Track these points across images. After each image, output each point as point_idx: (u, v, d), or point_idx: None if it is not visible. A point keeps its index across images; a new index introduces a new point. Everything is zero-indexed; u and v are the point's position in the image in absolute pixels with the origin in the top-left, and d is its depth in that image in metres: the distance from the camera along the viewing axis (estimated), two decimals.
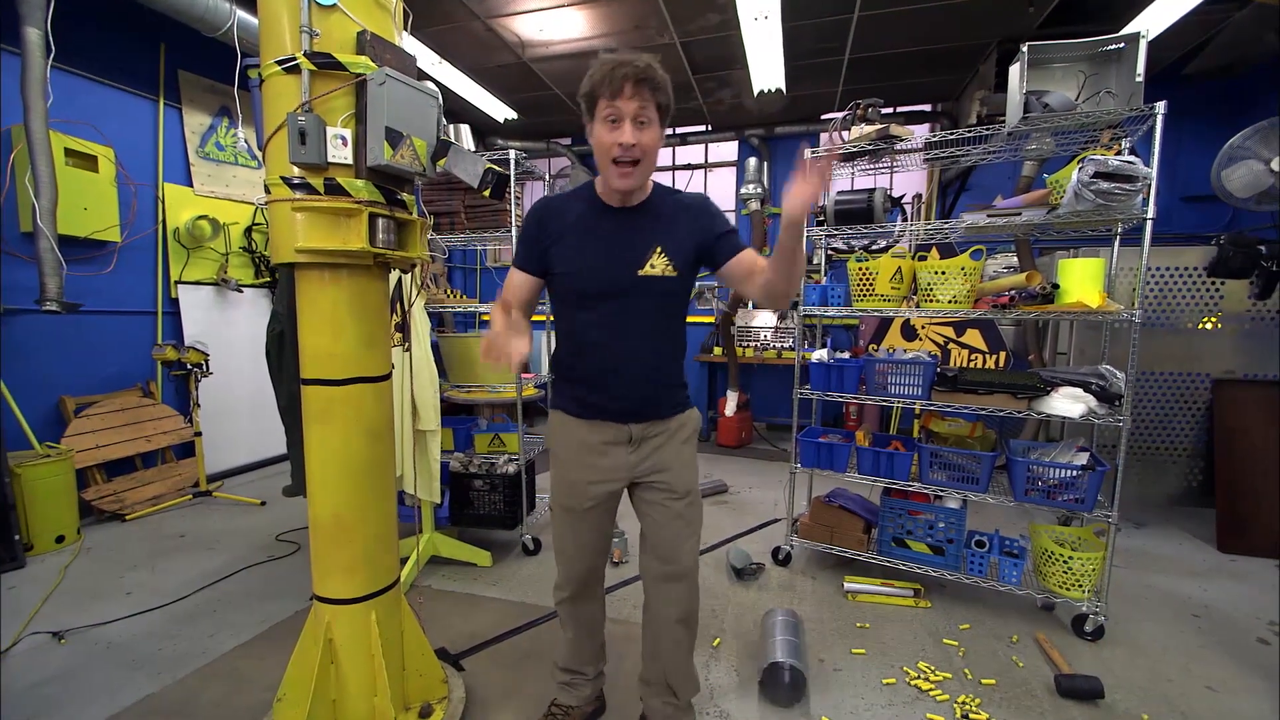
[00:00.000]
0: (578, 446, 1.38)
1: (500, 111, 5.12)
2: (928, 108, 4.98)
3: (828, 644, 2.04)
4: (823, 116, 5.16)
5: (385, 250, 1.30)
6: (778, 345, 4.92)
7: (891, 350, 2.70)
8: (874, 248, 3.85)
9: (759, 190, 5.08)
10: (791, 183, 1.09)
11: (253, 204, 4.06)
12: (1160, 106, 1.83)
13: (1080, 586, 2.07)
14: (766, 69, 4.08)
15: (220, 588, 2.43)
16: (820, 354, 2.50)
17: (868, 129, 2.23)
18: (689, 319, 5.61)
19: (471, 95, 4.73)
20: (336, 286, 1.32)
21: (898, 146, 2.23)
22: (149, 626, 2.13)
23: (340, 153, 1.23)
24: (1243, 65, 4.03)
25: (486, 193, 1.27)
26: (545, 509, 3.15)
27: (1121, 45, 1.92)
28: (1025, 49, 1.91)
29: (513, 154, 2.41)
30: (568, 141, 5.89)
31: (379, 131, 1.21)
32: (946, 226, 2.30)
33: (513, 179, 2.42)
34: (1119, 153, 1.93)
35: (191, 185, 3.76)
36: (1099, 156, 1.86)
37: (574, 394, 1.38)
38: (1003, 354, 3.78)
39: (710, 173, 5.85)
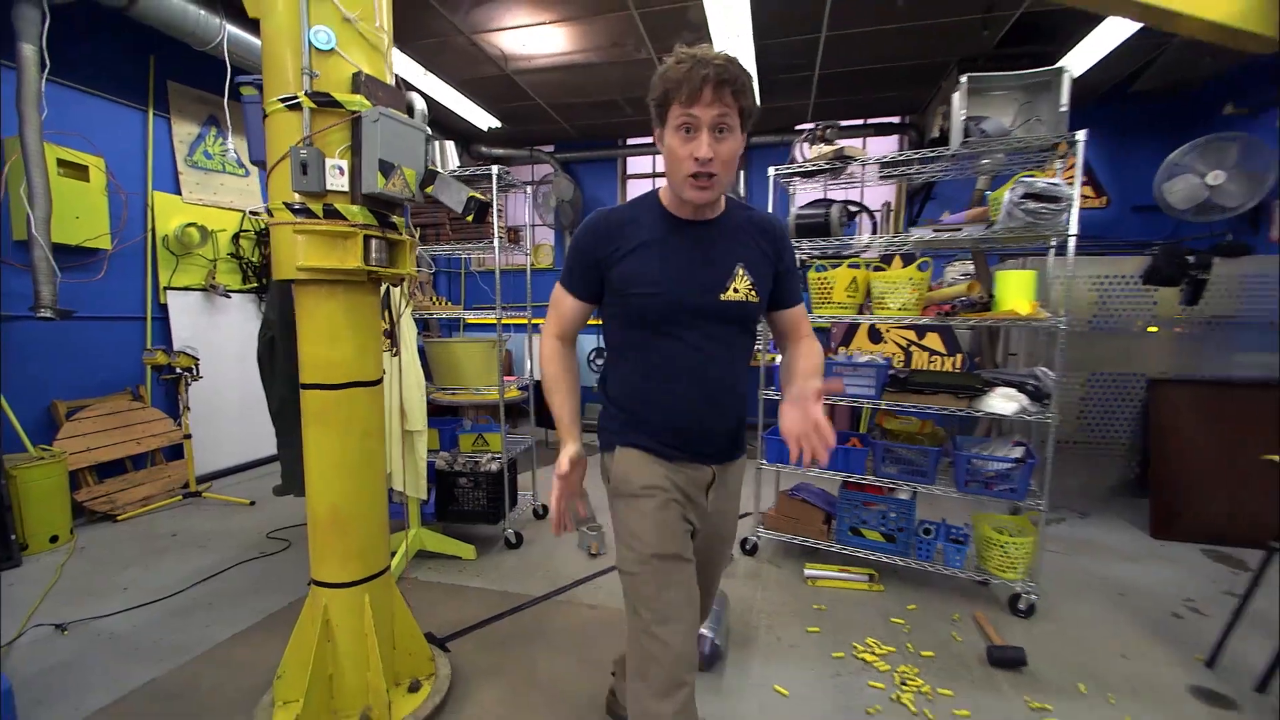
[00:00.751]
0: (670, 484, 1.18)
1: (484, 120, 5.26)
2: (897, 119, 5.21)
3: (786, 624, 2.22)
4: (796, 127, 5.37)
5: (378, 268, 1.45)
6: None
7: (850, 354, 2.90)
8: (845, 254, 4.06)
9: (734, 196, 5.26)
10: (796, 422, 1.02)
11: (240, 211, 4.16)
12: (1081, 134, 2.03)
13: (1015, 569, 2.27)
14: None
15: (214, 583, 2.54)
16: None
17: (826, 149, 2.41)
18: None
19: (457, 106, 4.87)
20: (333, 301, 1.47)
21: (851, 165, 2.41)
22: (147, 619, 2.25)
23: (337, 181, 1.38)
24: (1184, 85, 4.31)
25: (470, 218, 1.42)
26: (526, 504, 3.30)
27: (1048, 78, 2.13)
28: (964, 80, 2.11)
29: (495, 170, 2.56)
30: (550, 148, 6.04)
31: (373, 163, 1.36)
32: (898, 240, 2.50)
33: (495, 194, 2.57)
34: (1072, 167, 2.14)
35: (180, 193, 3.85)
36: (1029, 178, 2.06)
37: (652, 433, 1.19)
38: (959, 356, 4.01)
39: None
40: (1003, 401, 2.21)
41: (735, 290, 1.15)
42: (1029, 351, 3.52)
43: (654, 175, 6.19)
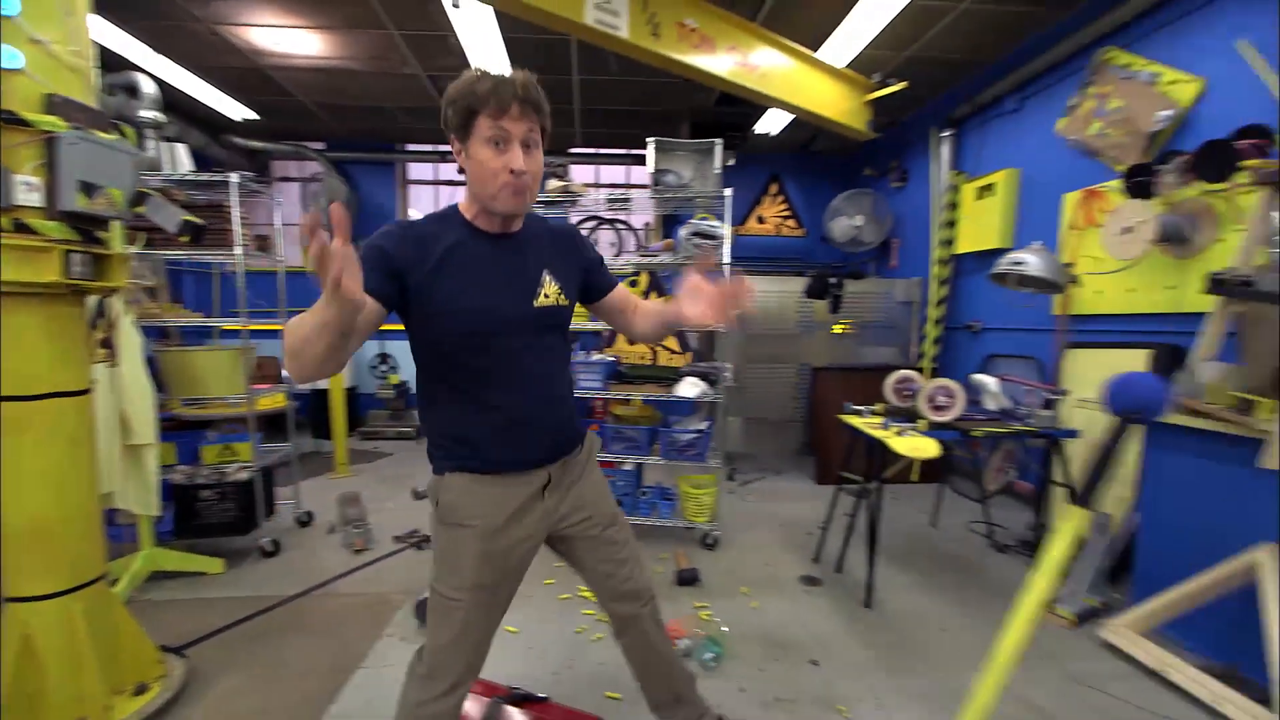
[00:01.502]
0: (497, 509, 1.18)
1: (237, 111, 4.87)
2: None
3: (529, 580, 2.63)
4: (569, 150, 5.93)
5: (81, 281, 1.51)
6: None
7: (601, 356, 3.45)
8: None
9: None
10: (704, 297, 1.11)
11: None
12: (729, 191, 2.80)
13: (704, 514, 3.00)
14: None
15: None
16: None
17: (557, 184, 2.90)
18: None
19: (197, 92, 4.45)
20: (29, 312, 1.49)
21: (579, 198, 2.94)
22: None
23: (29, 197, 1.42)
24: (843, 150, 5.78)
25: (185, 239, 1.56)
26: (289, 513, 3.27)
27: (709, 147, 2.88)
28: (652, 142, 2.75)
29: (234, 179, 2.55)
30: (321, 146, 5.77)
31: (71, 182, 1.43)
32: (619, 261, 3.10)
33: (235, 201, 2.56)
34: (774, 206, 2.88)
35: None
36: (697, 220, 2.77)
37: (476, 450, 1.17)
38: (689, 354, 4.90)
39: None
40: (689, 387, 2.92)
41: (546, 295, 1.19)
42: (732, 349, 4.50)
43: (436, 183, 6.28)
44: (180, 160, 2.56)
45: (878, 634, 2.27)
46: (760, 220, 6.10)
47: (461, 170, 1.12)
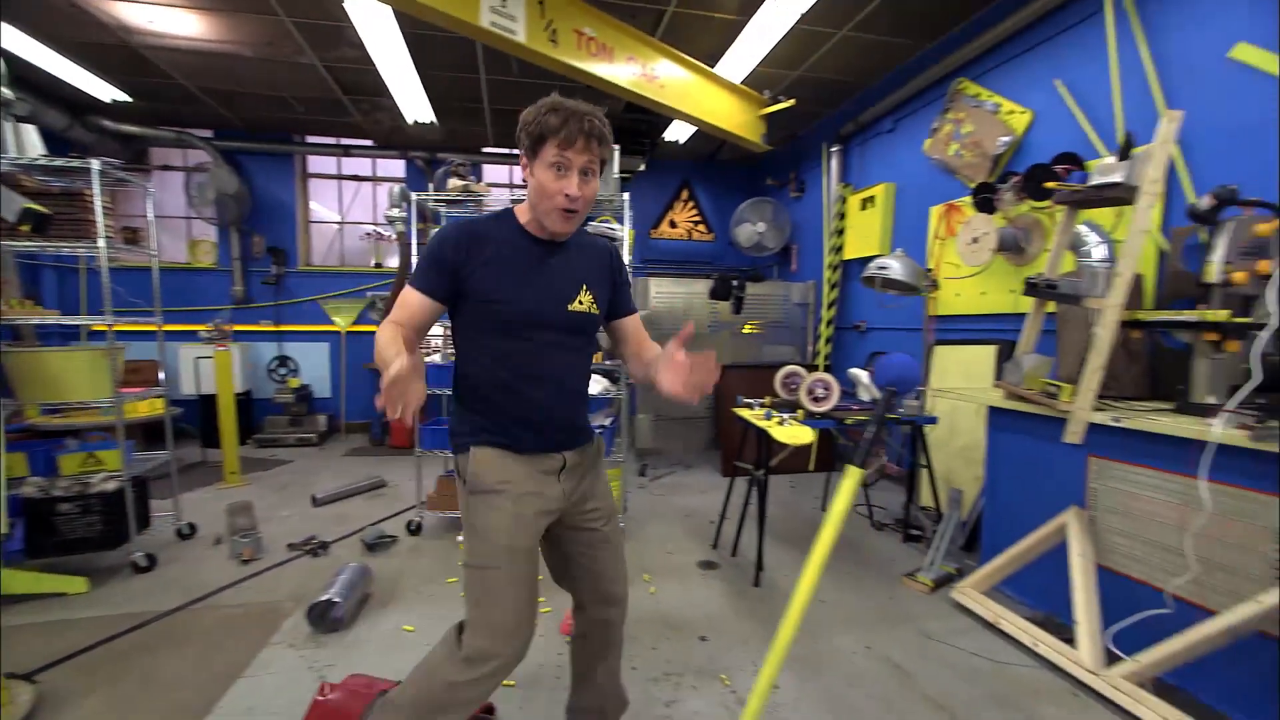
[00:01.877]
0: (524, 477, 1.28)
1: (105, 91, 4.46)
2: None
3: (431, 581, 2.64)
4: (482, 149, 5.87)
5: None
6: (445, 351, 5.43)
7: None
8: None
9: (403, 213, 5.45)
10: (678, 370, 1.16)
11: None
12: (626, 197, 2.92)
13: None
14: (414, 104, 4.55)
15: None
16: (436, 359, 3.10)
17: (459, 183, 2.90)
18: (361, 328, 5.69)
19: (57, 69, 4.04)
20: None
21: (480, 199, 2.96)
22: None
23: None
24: (748, 160, 6.09)
25: (26, 228, 1.46)
26: (167, 526, 3.05)
27: (607, 156, 2.98)
28: None
29: (95, 165, 2.36)
30: (208, 134, 5.39)
31: None
32: None
33: (98, 190, 2.37)
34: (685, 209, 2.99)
35: None
36: (598, 223, 2.86)
37: (504, 428, 1.29)
38: (599, 353, 5.02)
39: (378, 186, 6.03)
40: (594, 385, 3.01)
41: (581, 303, 1.31)
42: None
43: (339, 177, 6.02)
44: (30, 143, 2.33)
45: (762, 609, 2.45)
46: (672, 225, 6.31)
47: (525, 181, 1.26)
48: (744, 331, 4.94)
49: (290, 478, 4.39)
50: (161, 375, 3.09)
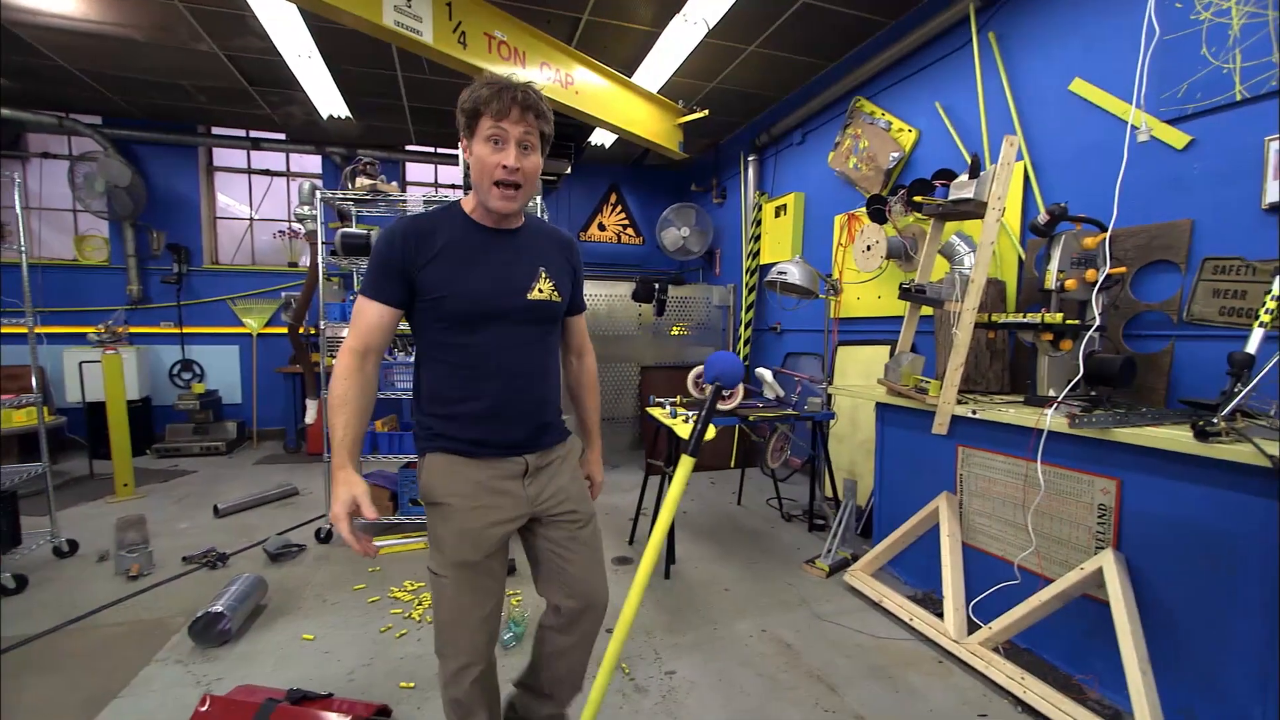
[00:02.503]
0: (474, 489, 1.23)
1: None
2: None
3: (336, 589, 2.58)
4: (404, 147, 5.73)
5: None
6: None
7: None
8: None
9: (313, 211, 5.28)
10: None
11: None
12: (539, 200, 2.96)
13: None
14: (328, 99, 4.40)
15: None
16: None
17: (366, 182, 2.85)
18: (274, 330, 5.43)
19: None
20: None
21: (389, 197, 2.91)
22: None
23: None
24: (672, 166, 6.25)
25: None
26: (34, 544, 2.83)
27: None
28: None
29: None
30: (96, 120, 5.01)
31: None
32: None
33: None
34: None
35: None
36: None
37: (459, 431, 1.23)
38: None
39: (292, 181, 5.78)
40: None
41: (540, 290, 1.25)
42: None
43: (249, 171, 5.73)
44: None
45: (669, 599, 2.55)
46: (601, 228, 6.38)
47: (468, 167, 1.21)
48: (673, 333, 5.07)
49: (192, 489, 4.15)
50: (67, 384, 2.86)
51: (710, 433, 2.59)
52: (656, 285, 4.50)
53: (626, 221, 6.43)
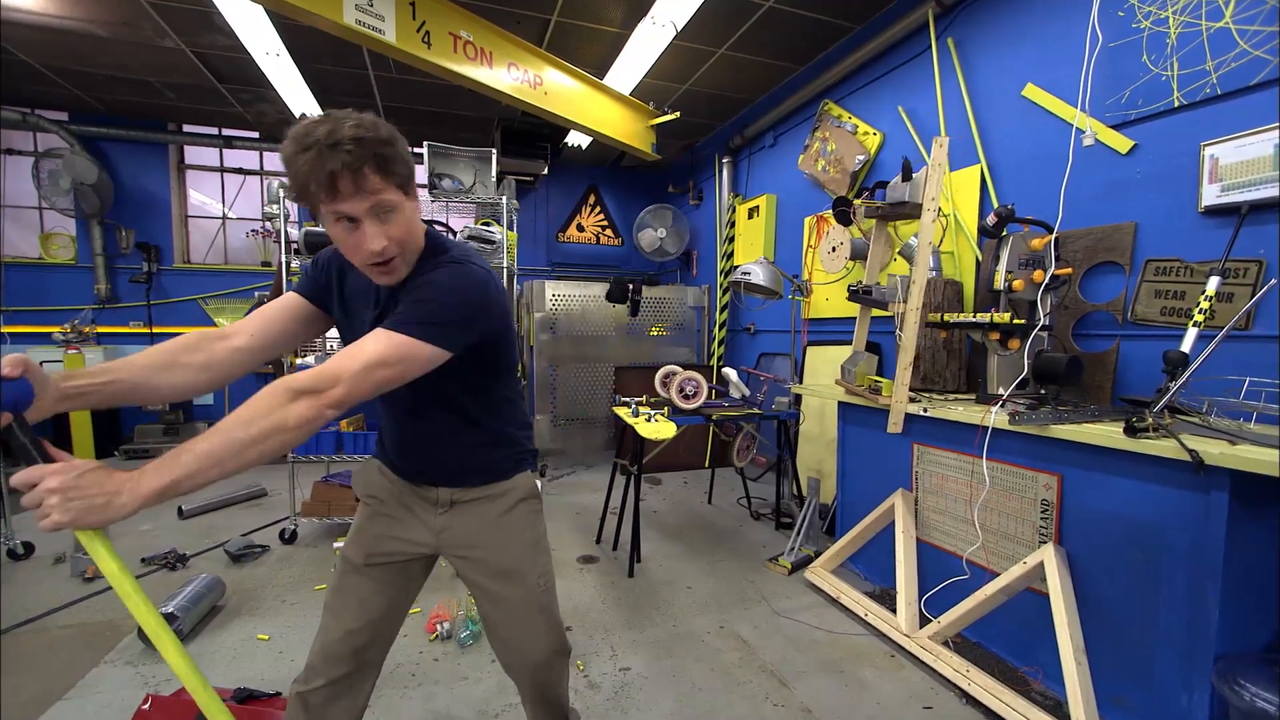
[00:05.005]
0: (388, 496, 1.21)
1: None
2: None
3: (297, 590, 2.56)
4: None
5: None
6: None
7: None
8: None
9: (279, 209, 5.27)
10: None
11: None
12: (505, 200, 2.96)
13: None
14: (299, 98, 4.37)
15: None
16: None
17: None
18: None
19: None
20: None
21: None
22: None
23: None
24: (650, 167, 6.27)
25: None
26: None
27: (489, 156, 3.02)
28: (426, 147, 2.81)
29: None
30: (62, 116, 4.93)
31: None
32: None
33: None
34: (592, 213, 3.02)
35: None
36: (477, 225, 2.89)
37: (385, 452, 1.24)
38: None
39: (266, 180, 5.72)
40: None
41: None
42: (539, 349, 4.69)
43: (222, 170, 5.66)
44: None
45: (630, 597, 2.56)
46: (580, 229, 6.38)
47: None
48: (651, 334, 5.09)
49: None
50: None
51: (670, 431, 2.61)
52: (630, 285, 4.51)
53: (605, 222, 6.44)
